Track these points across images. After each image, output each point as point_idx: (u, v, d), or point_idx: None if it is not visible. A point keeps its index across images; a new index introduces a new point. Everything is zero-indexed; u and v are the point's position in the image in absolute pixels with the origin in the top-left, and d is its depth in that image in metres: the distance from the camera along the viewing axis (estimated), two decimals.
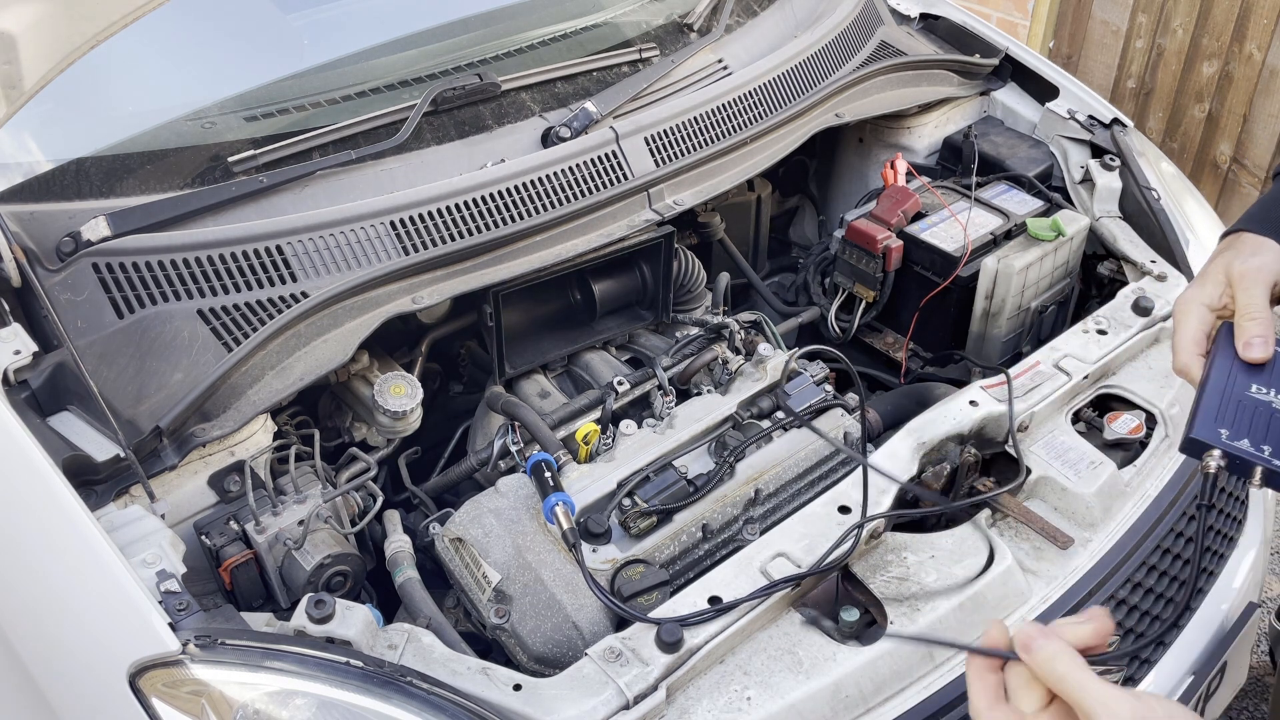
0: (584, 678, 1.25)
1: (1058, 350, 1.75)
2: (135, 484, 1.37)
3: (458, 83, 1.81)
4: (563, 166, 1.75)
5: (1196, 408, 1.06)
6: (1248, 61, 3.57)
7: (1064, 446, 1.63)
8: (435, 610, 1.43)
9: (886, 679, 1.34)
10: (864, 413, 1.58)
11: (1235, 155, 3.73)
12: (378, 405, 1.59)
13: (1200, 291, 1.14)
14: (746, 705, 1.27)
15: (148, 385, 1.44)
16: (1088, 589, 1.50)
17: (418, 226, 1.63)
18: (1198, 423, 1.04)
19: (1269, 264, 1.13)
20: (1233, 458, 1.02)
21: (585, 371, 1.87)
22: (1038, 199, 2.08)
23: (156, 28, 1.69)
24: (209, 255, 1.50)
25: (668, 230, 1.84)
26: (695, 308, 2.02)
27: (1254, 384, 1.06)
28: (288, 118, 1.73)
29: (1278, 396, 1.04)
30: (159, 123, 1.68)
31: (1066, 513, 1.58)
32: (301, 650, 1.20)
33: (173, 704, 1.16)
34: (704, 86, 1.99)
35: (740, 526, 1.55)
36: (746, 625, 1.33)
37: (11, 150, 1.59)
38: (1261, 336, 1.07)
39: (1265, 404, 1.04)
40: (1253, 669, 2.50)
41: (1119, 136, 2.16)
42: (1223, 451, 1.02)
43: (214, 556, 1.43)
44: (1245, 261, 1.12)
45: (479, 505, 1.48)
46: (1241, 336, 1.08)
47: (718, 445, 1.64)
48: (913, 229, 2.00)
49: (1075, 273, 2.08)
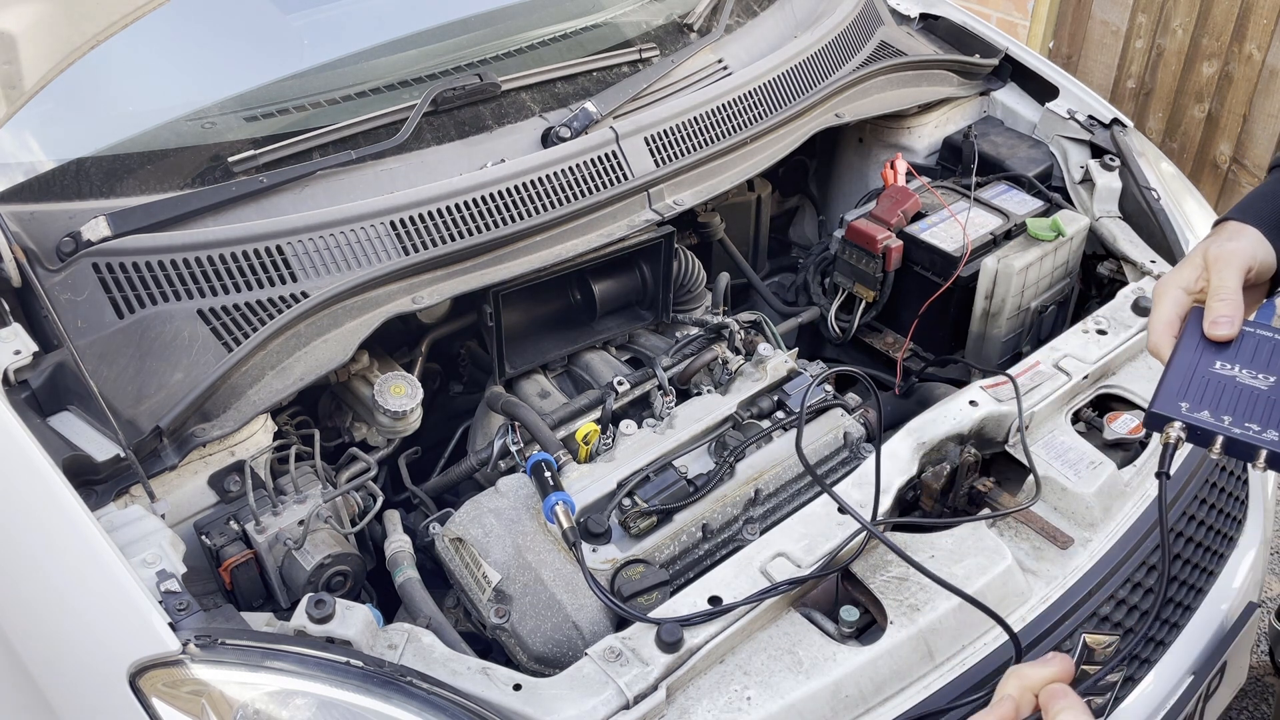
0: (584, 678, 1.25)
1: (1058, 350, 1.75)
2: (135, 484, 1.37)
3: (458, 83, 1.81)
4: (563, 166, 1.75)
5: (1160, 384, 1.10)
6: (1247, 61, 3.57)
7: (1064, 446, 1.63)
8: (435, 610, 1.43)
9: (886, 679, 1.34)
10: (880, 414, 1.58)
11: (1235, 155, 3.73)
12: (378, 405, 1.59)
13: (1178, 275, 1.17)
14: (746, 705, 1.27)
15: (148, 385, 1.44)
16: (1088, 589, 1.51)
17: (418, 226, 1.63)
18: (1159, 398, 1.08)
19: (1243, 248, 1.16)
20: (1193, 428, 1.06)
21: (585, 371, 1.87)
22: (1038, 199, 2.09)
23: (156, 28, 1.69)
24: (209, 255, 1.51)
25: (668, 230, 1.84)
26: (695, 308, 2.03)
27: (1219, 361, 1.10)
28: (288, 118, 1.73)
29: (1241, 371, 1.08)
30: (159, 123, 1.68)
31: (1066, 513, 1.58)
32: (301, 650, 1.20)
33: (173, 704, 1.16)
34: (704, 86, 1.99)
35: (740, 526, 1.55)
36: (746, 625, 1.33)
37: (12, 150, 1.59)
38: (1228, 316, 1.11)
39: (1229, 378, 1.08)
40: (1253, 669, 2.50)
41: (1119, 136, 2.17)
42: (1183, 423, 1.06)
43: (214, 556, 1.43)
44: (1221, 246, 1.16)
45: (479, 505, 1.48)
46: (1209, 316, 1.12)
47: (718, 445, 1.64)
48: (913, 229, 2.00)
49: (1075, 273, 2.08)
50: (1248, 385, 1.07)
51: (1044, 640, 1.45)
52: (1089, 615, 1.51)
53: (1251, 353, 1.10)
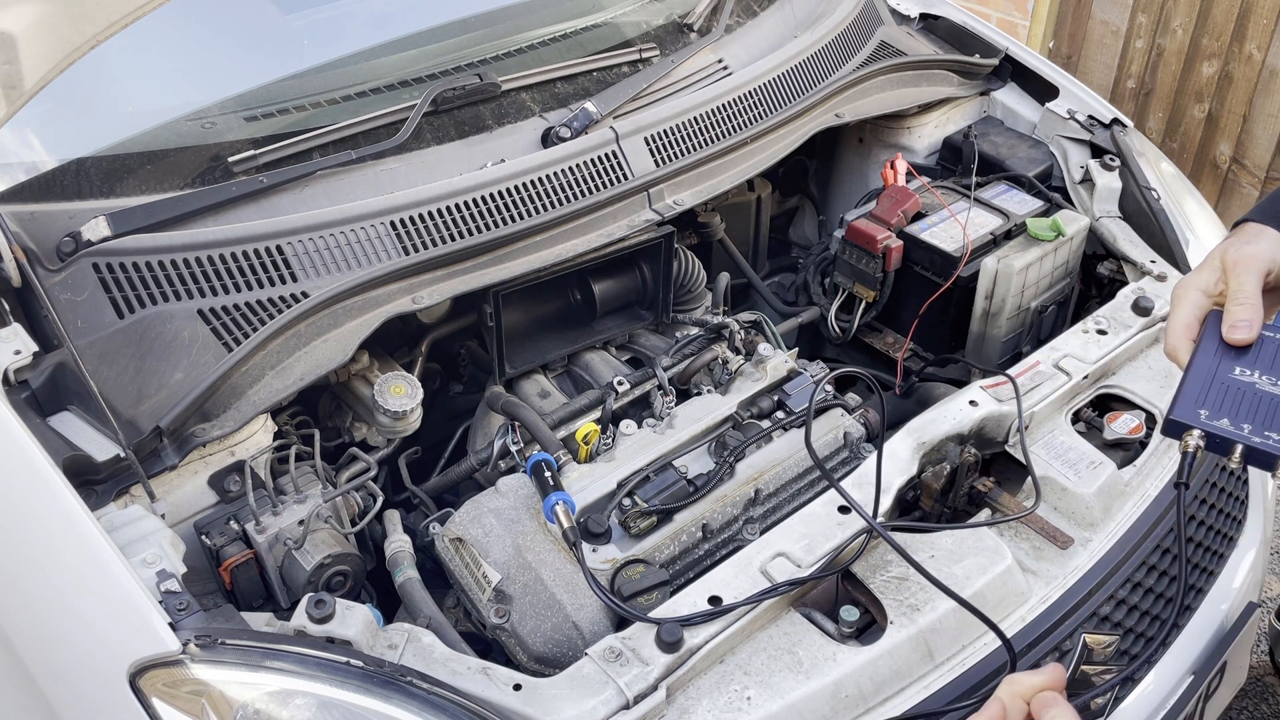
0: (584, 677, 1.25)
1: (1057, 350, 1.75)
2: (135, 484, 1.37)
3: (458, 83, 1.81)
4: (563, 166, 1.75)
5: (1179, 391, 1.08)
6: (1248, 61, 3.57)
7: (1064, 446, 1.63)
8: (435, 610, 1.43)
9: (886, 679, 1.34)
10: (883, 415, 1.58)
11: (1235, 155, 3.73)
12: (378, 405, 1.59)
13: (1197, 277, 1.16)
14: (746, 705, 1.27)
15: (148, 385, 1.44)
16: (1088, 589, 1.51)
17: (418, 226, 1.63)
18: (1178, 405, 1.07)
19: (1263, 251, 1.14)
20: (1212, 436, 1.04)
21: (585, 371, 1.87)
22: (1038, 199, 2.08)
23: (156, 28, 1.69)
24: (209, 255, 1.51)
25: (668, 230, 1.84)
26: (695, 308, 2.03)
27: (1238, 366, 1.08)
28: (288, 118, 1.73)
29: (1262, 378, 1.06)
30: (159, 123, 1.68)
31: (1066, 513, 1.58)
32: (301, 650, 1.20)
33: (173, 704, 1.16)
34: (704, 86, 1.99)
35: (740, 526, 1.55)
36: (746, 625, 1.33)
37: (12, 150, 1.59)
38: (1247, 320, 1.09)
39: (1249, 385, 1.06)
40: (1253, 669, 2.50)
41: (1119, 136, 2.17)
42: (1202, 431, 1.04)
43: (214, 556, 1.43)
44: (1240, 249, 1.15)
45: (479, 505, 1.48)
46: (1228, 320, 1.11)
47: (718, 445, 1.64)
48: (913, 229, 2.00)
49: (1075, 273, 2.08)
50: (1268, 392, 1.05)
51: (1043, 640, 1.45)
52: (1089, 615, 1.51)
53: (1271, 358, 1.07)
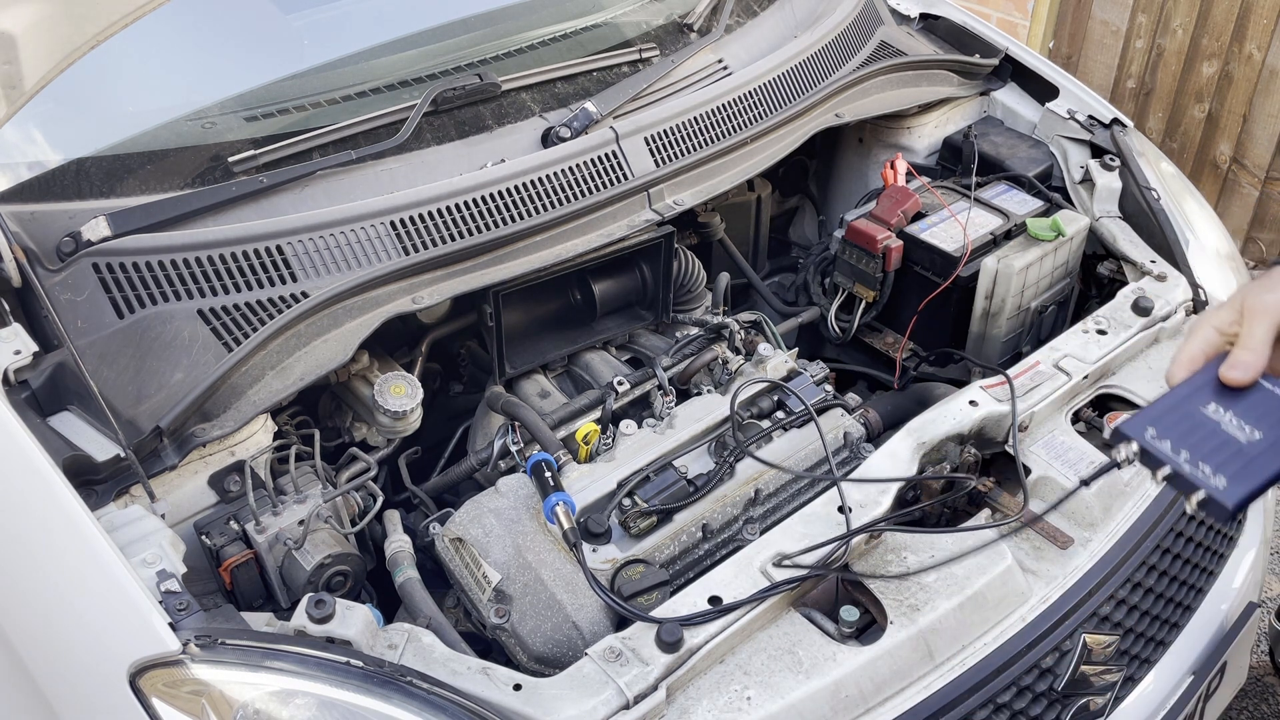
0: (584, 677, 1.25)
1: (1057, 350, 1.75)
2: (135, 484, 1.37)
3: (458, 83, 1.81)
4: (563, 166, 1.75)
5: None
6: (1248, 61, 3.57)
7: (1064, 446, 1.63)
8: (435, 610, 1.43)
9: (886, 679, 1.34)
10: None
11: (1235, 155, 3.73)
12: (378, 405, 1.59)
13: (1215, 315, 1.17)
14: (746, 705, 1.27)
15: (148, 385, 1.44)
16: (1088, 589, 1.50)
17: (418, 226, 1.63)
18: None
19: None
20: (1145, 451, 1.05)
21: (585, 371, 1.87)
22: (1038, 199, 2.08)
23: (156, 28, 1.69)
24: (209, 255, 1.51)
25: (668, 230, 1.84)
26: (695, 308, 2.03)
27: (1215, 404, 1.08)
28: (288, 118, 1.73)
29: (1232, 420, 1.06)
30: (159, 123, 1.68)
31: (1066, 513, 1.58)
32: (302, 650, 1.20)
33: (173, 704, 1.16)
34: (704, 86, 1.99)
35: (740, 526, 1.55)
36: (746, 625, 1.33)
37: (12, 150, 1.59)
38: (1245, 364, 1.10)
39: (1214, 422, 1.06)
40: (1253, 669, 2.50)
41: (1119, 136, 2.16)
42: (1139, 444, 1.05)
43: (214, 556, 1.43)
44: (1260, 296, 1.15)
45: (479, 505, 1.48)
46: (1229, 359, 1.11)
47: (718, 445, 1.64)
48: (913, 229, 2.00)
49: (1075, 273, 2.08)
50: (1227, 433, 1.05)
51: (1043, 640, 1.45)
52: (1089, 615, 1.51)
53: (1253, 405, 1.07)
